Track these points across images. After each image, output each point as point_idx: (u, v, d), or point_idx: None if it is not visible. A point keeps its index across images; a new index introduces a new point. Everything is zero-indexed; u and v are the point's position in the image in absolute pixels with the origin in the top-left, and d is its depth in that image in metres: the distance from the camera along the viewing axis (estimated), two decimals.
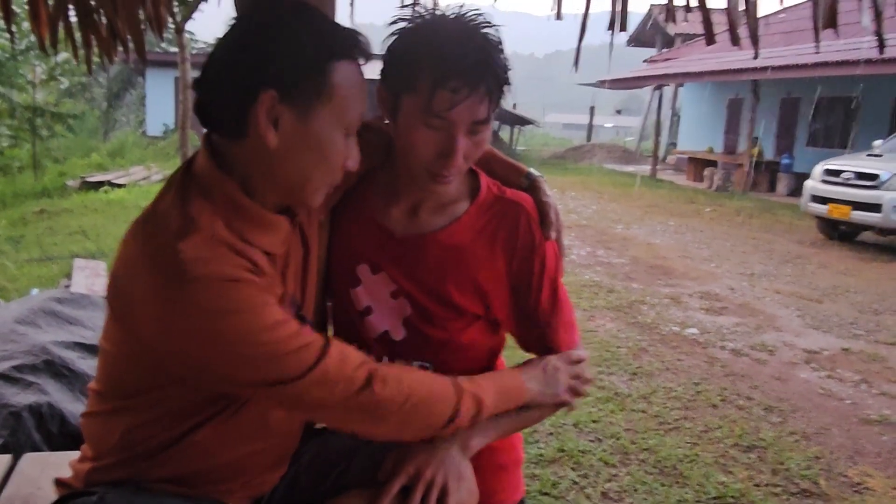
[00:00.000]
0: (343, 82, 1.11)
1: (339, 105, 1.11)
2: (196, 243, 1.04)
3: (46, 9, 2.36)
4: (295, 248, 1.27)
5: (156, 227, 1.09)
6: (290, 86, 1.07)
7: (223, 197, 1.11)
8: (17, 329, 2.94)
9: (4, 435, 2.38)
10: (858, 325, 6.13)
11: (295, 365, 1.07)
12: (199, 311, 1.02)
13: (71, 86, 19.02)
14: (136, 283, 1.06)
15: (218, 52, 1.11)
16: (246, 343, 1.04)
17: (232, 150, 1.12)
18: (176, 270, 1.02)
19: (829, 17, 1.55)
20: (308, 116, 1.09)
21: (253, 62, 1.07)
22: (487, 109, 1.21)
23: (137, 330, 1.08)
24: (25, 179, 14.12)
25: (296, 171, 1.12)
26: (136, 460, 1.18)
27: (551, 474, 3.28)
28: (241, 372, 1.07)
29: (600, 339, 5.38)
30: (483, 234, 1.35)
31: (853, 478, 3.45)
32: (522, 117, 26.85)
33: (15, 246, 8.05)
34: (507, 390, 1.28)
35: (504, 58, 1.23)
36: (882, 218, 9.41)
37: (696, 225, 11.65)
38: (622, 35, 1.90)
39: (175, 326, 1.03)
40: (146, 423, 1.16)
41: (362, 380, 1.11)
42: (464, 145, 1.22)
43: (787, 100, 18.80)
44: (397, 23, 1.25)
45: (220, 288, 1.03)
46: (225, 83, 1.10)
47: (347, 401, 1.10)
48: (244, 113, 1.08)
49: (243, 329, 1.04)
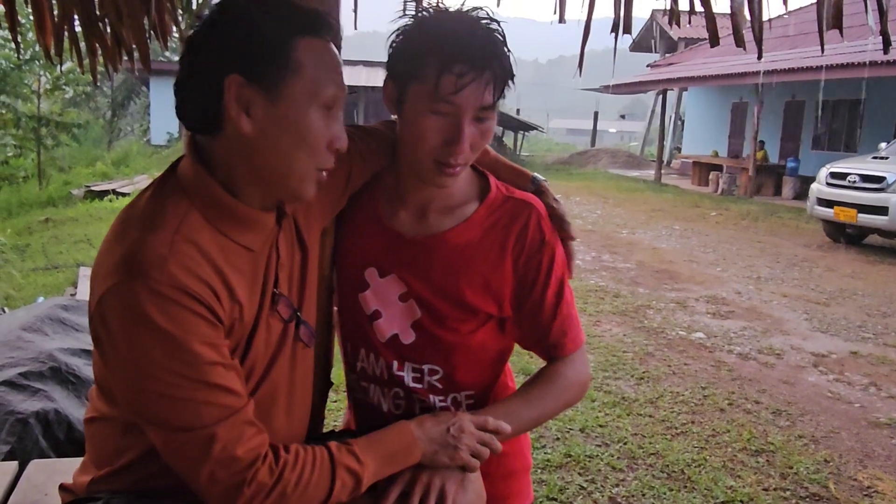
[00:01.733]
0: (310, 58, 1.09)
1: (309, 81, 1.09)
2: (160, 238, 1.03)
3: (52, 18, 2.37)
4: (292, 251, 1.26)
5: (128, 214, 1.10)
6: (254, 67, 1.06)
7: (202, 193, 1.11)
8: (24, 336, 2.94)
9: (11, 442, 2.39)
10: (866, 328, 6.10)
11: (189, 416, 1.03)
12: (131, 308, 0.99)
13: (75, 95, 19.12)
14: (98, 263, 1.07)
15: (186, 53, 1.11)
16: (154, 365, 1.01)
17: (213, 147, 1.12)
18: (131, 259, 1.01)
19: (835, 18, 1.55)
20: (278, 97, 1.08)
21: (216, 52, 1.07)
22: (493, 95, 1.22)
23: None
24: (30, 189, 14.17)
25: (276, 156, 1.11)
26: (138, 466, 1.18)
27: (558, 479, 3.26)
28: (135, 390, 1.04)
29: (606, 344, 5.36)
30: (492, 233, 1.36)
31: (863, 481, 3.43)
32: (526, 123, 26.90)
33: (20, 255, 8.08)
34: (393, 454, 1.22)
35: (508, 50, 1.24)
36: (888, 221, 9.38)
37: (701, 229, 11.63)
38: (625, 40, 1.90)
39: (109, 310, 1.01)
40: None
41: (243, 466, 1.06)
42: (470, 132, 1.23)
43: (792, 103, 18.78)
44: (401, 19, 1.26)
45: (160, 298, 0.99)
46: (194, 80, 1.10)
47: (213, 475, 1.05)
48: (216, 105, 1.07)
49: (160, 348, 1.00)
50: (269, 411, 1.21)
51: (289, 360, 1.24)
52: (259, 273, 1.17)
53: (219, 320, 1.06)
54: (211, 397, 1.04)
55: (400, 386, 1.41)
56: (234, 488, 1.06)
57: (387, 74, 1.28)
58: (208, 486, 1.06)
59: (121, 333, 1.02)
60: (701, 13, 1.84)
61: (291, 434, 1.30)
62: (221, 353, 1.06)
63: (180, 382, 1.02)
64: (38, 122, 15.11)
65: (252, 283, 1.15)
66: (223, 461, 1.05)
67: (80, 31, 2.43)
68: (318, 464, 1.13)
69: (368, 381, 1.44)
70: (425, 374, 1.40)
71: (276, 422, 1.23)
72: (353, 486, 1.16)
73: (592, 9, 1.88)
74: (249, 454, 1.06)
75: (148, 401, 1.04)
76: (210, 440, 1.04)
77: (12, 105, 14.78)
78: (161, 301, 1.00)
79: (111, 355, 1.05)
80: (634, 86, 22.03)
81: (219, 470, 1.05)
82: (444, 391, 1.41)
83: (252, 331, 1.16)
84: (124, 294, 1.00)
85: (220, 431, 1.04)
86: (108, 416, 1.19)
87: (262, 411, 1.20)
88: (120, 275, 1.01)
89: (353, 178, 1.39)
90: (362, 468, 1.17)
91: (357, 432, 1.50)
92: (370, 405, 1.46)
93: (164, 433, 1.06)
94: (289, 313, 1.23)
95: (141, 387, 1.03)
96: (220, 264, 1.08)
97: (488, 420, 1.29)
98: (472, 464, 1.26)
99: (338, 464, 1.14)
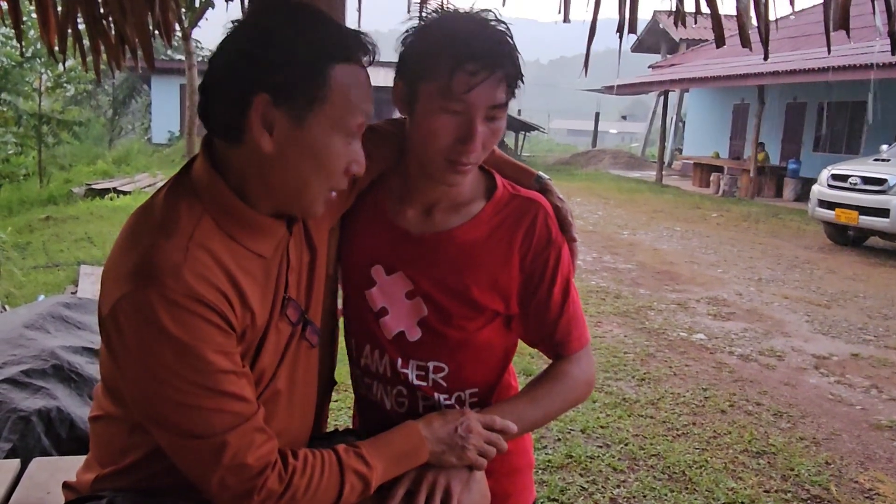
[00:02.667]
0: (342, 86, 1.08)
1: (338, 109, 1.08)
2: (175, 245, 1.03)
3: (55, 16, 2.37)
4: (301, 253, 1.26)
5: (142, 216, 1.10)
6: (285, 90, 1.06)
7: (214, 198, 1.11)
8: (26, 334, 2.94)
9: (14, 440, 2.38)
10: (868, 331, 6.10)
11: (201, 423, 1.03)
12: (146, 316, 1.00)
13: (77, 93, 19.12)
14: (112, 265, 1.07)
15: (217, 57, 1.11)
16: (167, 372, 1.01)
17: (229, 154, 1.11)
18: (147, 266, 1.01)
19: (842, 19, 1.54)
20: (303, 121, 1.07)
21: (248, 67, 1.06)
22: (504, 94, 1.23)
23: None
24: (31, 187, 14.16)
25: (292, 177, 1.10)
26: (144, 465, 1.18)
27: (559, 480, 3.26)
28: (147, 395, 1.04)
29: (608, 345, 5.36)
30: (500, 230, 1.36)
31: (864, 484, 3.43)
32: (528, 123, 26.88)
33: (21, 253, 8.07)
34: (401, 455, 1.22)
35: (517, 50, 1.24)
36: (890, 223, 9.37)
37: (702, 230, 11.62)
38: (627, 41, 1.90)
39: (123, 316, 1.01)
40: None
41: (253, 473, 1.06)
42: (482, 131, 1.23)
43: (793, 104, 18.77)
44: (411, 21, 1.27)
45: (174, 307, 1.00)
46: (222, 87, 1.09)
47: (224, 482, 1.06)
48: (240, 118, 1.07)
49: (173, 356, 1.01)
50: (271, 410, 1.20)
51: (292, 361, 1.24)
52: (271, 279, 1.18)
53: (231, 328, 1.06)
54: (223, 405, 1.04)
55: (403, 384, 1.41)
56: (244, 495, 1.06)
57: (397, 75, 1.28)
58: (219, 492, 1.07)
59: (135, 340, 1.02)
60: (706, 14, 1.84)
61: (293, 433, 1.29)
62: (234, 360, 1.07)
63: (192, 390, 1.02)
64: (40, 119, 15.09)
65: (264, 290, 1.15)
66: (234, 469, 1.05)
67: (84, 28, 2.43)
68: (327, 469, 1.13)
69: (372, 378, 1.44)
70: (430, 372, 1.40)
71: (278, 421, 1.22)
72: (362, 489, 1.16)
73: (598, 9, 1.88)
74: (260, 462, 1.06)
75: (160, 406, 1.04)
76: (221, 448, 1.04)
77: (13, 103, 14.76)
78: (175, 310, 1.00)
79: (124, 360, 1.05)
80: (636, 87, 22.02)
81: (229, 477, 1.05)
82: (449, 389, 1.41)
83: (263, 336, 1.16)
84: (139, 301, 1.00)
85: (231, 439, 1.04)
86: (114, 415, 1.19)
87: (267, 414, 1.20)
88: (135, 282, 1.01)
89: (360, 177, 1.38)
90: (370, 471, 1.17)
91: (361, 430, 1.50)
92: (373, 402, 1.46)
93: (174, 438, 1.06)
94: (297, 316, 1.23)
95: (153, 392, 1.03)
96: (232, 271, 1.08)
97: (496, 419, 1.29)
98: (480, 463, 1.26)
99: (346, 468, 1.14)
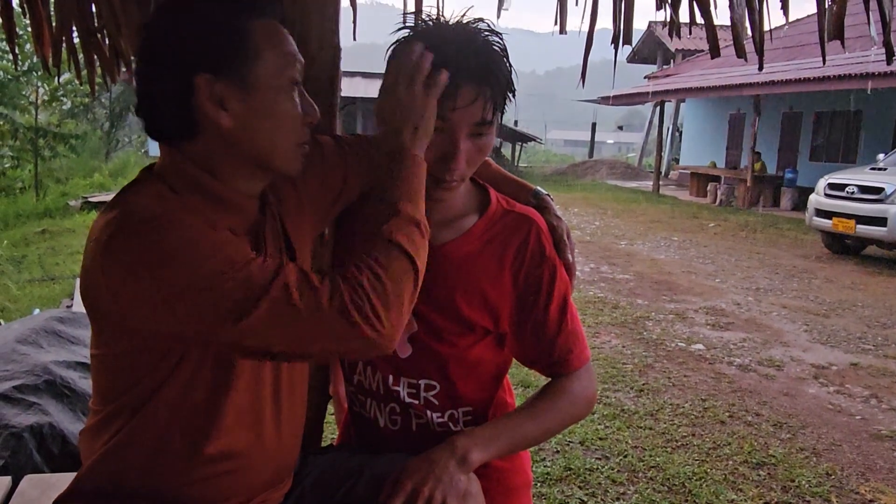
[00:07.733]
0: (266, 41, 1.09)
1: (272, 63, 1.09)
2: (148, 193, 1.03)
3: (50, 29, 2.36)
4: (279, 247, 1.24)
5: (109, 207, 1.07)
6: (219, 62, 1.05)
7: (183, 178, 1.10)
8: (19, 349, 2.92)
9: (5, 456, 2.36)
10: (866, 340, 6.08)
11: (256, 281, 0.98)
12: (139, 235, 0.98)
13: (73, 106, 19.07)
14: (90, 251, 1.04)
15: (142, 62, 1.09)
16: (187, 269, 0.97)
17: (190, 149, 1.10)
18: (126, 216, 1.00)
19: (836, 28, 1.54)
20: (249, 86, 1.07)
21: (175, 54, 1.06)
22: (490, 112, 1.21)
23: (99, 306, 1.05)
24: (27, 200, 14.12)
25: (259, 143, 1.10)
26: (129, 472, 1.15)
27: (558, 493, 3.23)
28: (200, 310, 0.98)
29: (606, 356, 5.34)
30: (491, 246, 1.34)
31: (865, 494, 3.40)
32: (524, 134, 26.97)
33: (17, 266, 8.04)
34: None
35: (508, 63, 1.22)
36: (887, 231, 9.37)
37: (700, 240, 11.62)
38: (623, 51, 1.90)
39: (118, 249, 0.99)
40: (135, 431, 1.12)
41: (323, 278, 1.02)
42: (466, 148, 1.22)
43: (789, 114, 18.84)
44: (401, 31, 1.25)
45: (168, 227, 0.99)
46: (159, 87, 1.08)
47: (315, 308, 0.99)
48: (188, 107, 1.06)
49: (191, 258, 0.98)
50: (254, 425, 1.18)
51: (273, 369, 1.22)
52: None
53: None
54: (252, 268, 0.99)
55: (396, 401, 1.39)
56: (335, 294, 0.99)
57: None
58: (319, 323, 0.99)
59: (138, 264, 0.98)
60: (701, 25, 1.83)
61: (282, 449, 1.27)
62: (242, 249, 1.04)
63: (219, 268, 0.98)
64: (36, 133, 15.06)
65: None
66: (308, 293, 0.99)
67: (79, 42, 2.43)
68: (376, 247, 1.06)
69: (365, 395, 1.43)
70: (421, 390, 1.38)
71: (265, 435, 1.21)
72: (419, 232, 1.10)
73: (595, 20, 1.88)
74: (320, 273, 1.03)
75: (204, 310, 0.98)
76: (283, 290, 0.98)
77: (10, 116, 14.73)
78: (166, 221, 1.00)
79: (135, 294, 0.98)
80: (632, 97, 22.08)
81: (310, 299, 0.99)
82: (442, 407, 1.39)
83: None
84: (127, 229, 0.99)
85: (281, 279, 0.99)
86: (98, 423, 1.16)
87: (247, 425, 1.17)
88: (115, 226, 1.00)
89: (348, 186, 1.36)
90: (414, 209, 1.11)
91: (356, 446, 1.49)
92: (367, 419, 1.44)
93: (242, 324, 0.98)
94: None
95: (192, 302, 0.98)
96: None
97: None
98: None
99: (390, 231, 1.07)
